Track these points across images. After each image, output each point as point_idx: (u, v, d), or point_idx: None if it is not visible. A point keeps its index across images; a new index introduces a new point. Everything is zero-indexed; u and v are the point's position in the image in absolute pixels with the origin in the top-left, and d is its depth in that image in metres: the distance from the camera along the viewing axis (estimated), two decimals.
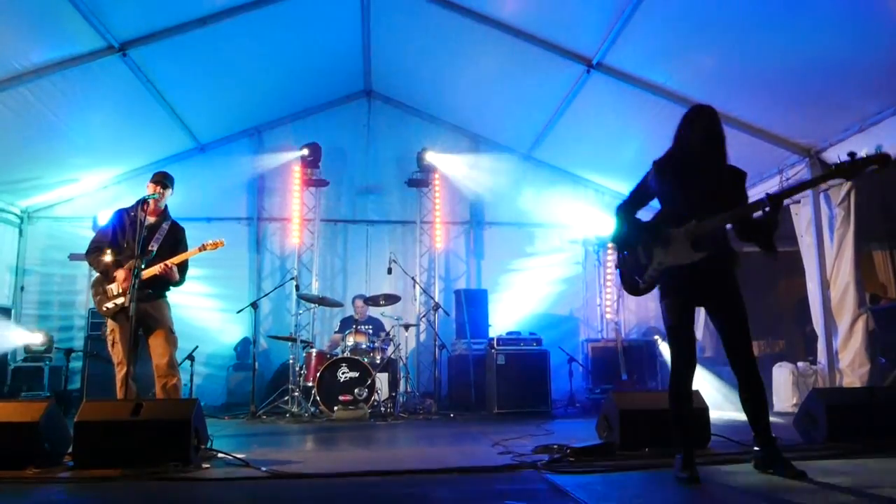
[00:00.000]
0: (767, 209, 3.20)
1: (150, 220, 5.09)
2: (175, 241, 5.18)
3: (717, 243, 3.40)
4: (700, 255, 3.33)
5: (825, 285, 7.03)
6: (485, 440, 5.12)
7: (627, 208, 3.74)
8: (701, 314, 9.63)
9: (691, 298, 3.45)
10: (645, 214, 3.74)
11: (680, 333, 3.40)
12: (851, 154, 3.04)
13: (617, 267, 3.76)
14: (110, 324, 4.97)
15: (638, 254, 3.56)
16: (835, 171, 3.12)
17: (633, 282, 3.63)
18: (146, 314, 4.94)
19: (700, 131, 3.43)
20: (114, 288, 4.93)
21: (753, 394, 3.41)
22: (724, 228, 3.41)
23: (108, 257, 5.01)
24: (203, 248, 5.16)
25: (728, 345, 3.44)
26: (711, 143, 3.42)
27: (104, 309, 4.96)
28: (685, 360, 3.38)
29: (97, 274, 5.08)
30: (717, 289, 3.42)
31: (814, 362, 7.19)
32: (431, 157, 9.72)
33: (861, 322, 6.75)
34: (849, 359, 6.73)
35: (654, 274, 3.46)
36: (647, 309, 10.23)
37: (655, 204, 3.70)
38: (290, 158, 9.58)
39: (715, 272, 3.40)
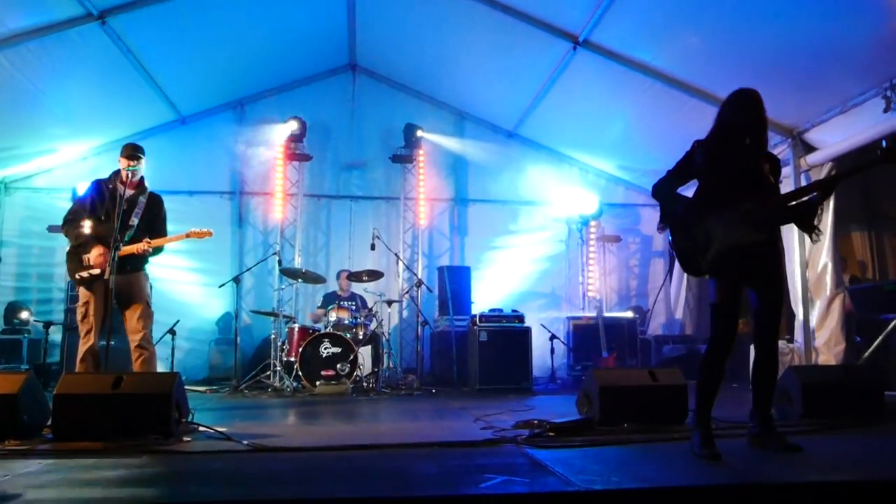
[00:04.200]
0: (815, 194, 3.39)
1: (128, 192, 5.04)
2: (154, 214, 5.13)
3: (774, 224, 3.48)
4: (763, 235, 3.38)
5: (804, 265, 7.12)
6: (466, 415, 5.16)
7: (669, 187, 3.67)
8: (682, 292, 9.77)
9: (742, 278, 3.46)
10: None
11: (726, 312, 3.41)
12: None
13: (672, 247, 3.68)
14: (84, 294, 4.90)
15: (694, 234, 3.50)
16: (882, 157, 3.16)
17: (694, 262, 3.56)
18: (123, 287, 4.90)
19: (747, 114, 3.49)
20: (90, 258, 4.87)
21: (768, 373, 3.53)
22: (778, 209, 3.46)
23: (86, 229, 4.93)
24: (188, 235, 5.14)
25: (759, 323, 3.51)
26: (756, 126, 3.49)
27: (77, 277, 4.90)
28: (726, 339, 3.40)
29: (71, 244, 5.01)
30: (765, 268, 3.46)
31: (791, 340, 7.30)
32: (416, 132, 9.66)
33: (838, 301, 6.86)
34: (825, 337, 6.85)
35: (716, 254, 3.41)
36: (628, 287, 10.34)
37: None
38: (274, 132, 9.48)
39: (765, 250, 3.45)
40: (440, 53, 8.86)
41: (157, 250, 5.11)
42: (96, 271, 4.84)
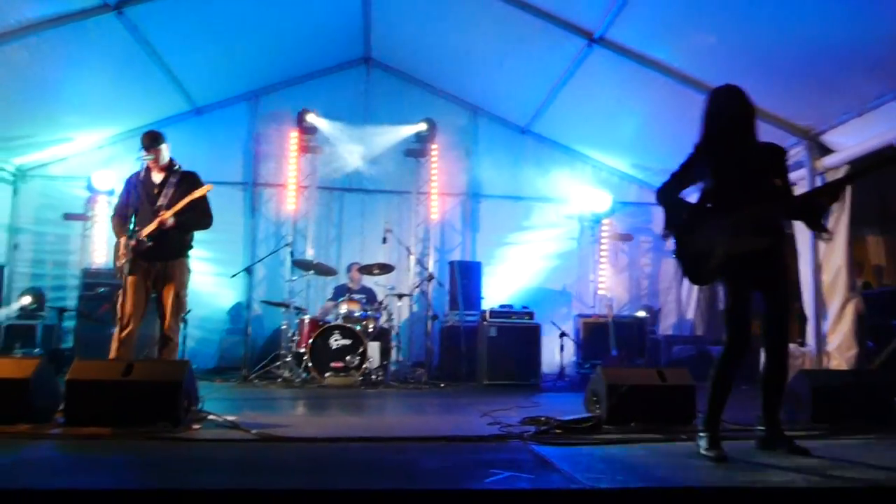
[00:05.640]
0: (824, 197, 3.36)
1: (159, 177, 5.13)
2: (186, 189, 5.07)
3: (777, 226, 3.45)
4: (768, 241, 3.35)
5: (817, 268, 7.07)
6: (473, 410, 5.17)
7: (672, 192, 3.63)
8: (694, 293, 9.73)
9: (750, 281, 3.43)
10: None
11: (737, 317, 3.39)
12: None
13: (675, 256, 3.65)
14: (124, 283, 4.97)
15: (697, 241, 3.48)
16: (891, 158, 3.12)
17: (697, 271, 3.55)
18: (159, 274, 5.02)
19: (736, 111, 3.44)
20: (123, 246, 4.96)
21: (776, 377, 3.50)
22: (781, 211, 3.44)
23: (123, 221, 5.03)
24: (192, 198, 5.03)
25: (768, 327, 3.48)
26: (746, 120, 3.44)
27: (116, 265, 5.03)
28: (739, 344, 3.38)
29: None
30: (770, 270, 3.43)
31: (803, 344, 7.25)
32: (429, 127, 9.65)
33: (851, 305, 6.79)
34: (837, 342, 6.78)
35: (720, 263, 3.38)
36: (639, 287, 10.30)
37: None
38: (287, 124, 9.51)
39: (770, 253, 3.42)
40: (455, 48, 8.83)
41: (198, 226, 5.19)
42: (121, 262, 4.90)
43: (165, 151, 5.16)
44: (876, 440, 3.95)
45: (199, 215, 5.16)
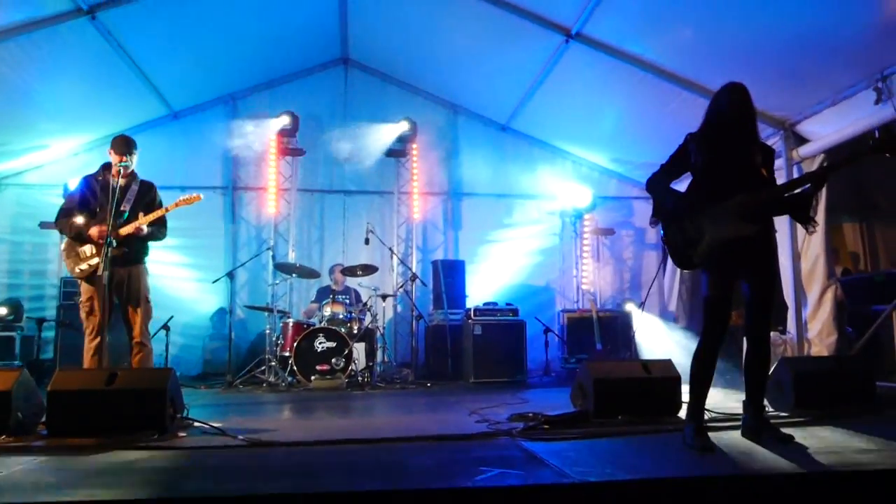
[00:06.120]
0: (809, 186, 3.41)
1: (120, 182, 4.98)
2: (149, 199, 5.17)
3: (765, 216, 3.50)
4: (754, 228, 3.40)
5: (796, 257, 7.15)
6: (461, 409, 5.18)
7: (662, 181, 3.69)
8: (675, 284, 9.80)
9: (734, 270, 3.48)
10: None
11: (717, 306, 3.43)
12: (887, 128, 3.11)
13: (664, 242, 3.71)
14: (86, 289, 4.89)
15: (686, 227, 3.53)
16: (874, 147, 3.19)
17: (686, 256, 3.59)
18: (123, 281, 4.95)
19: (736, 106, 3.51)
20: (86, 249, 4.90)
21: (759, 365, 3.57)
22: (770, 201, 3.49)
23: (79, 220, 4.95)
24: (177, 204, 5.18)
25: (751, 315, 3.54)
26: (746, 117, 3.52)
27: (78, 271, 4.91)
28: (718, 333, 3.43)
29: (67, 238, 5.02)
30: (756, 259, 3.49)
31: (783, 332, 7.33)
32: (409, 126, 9.63)
33: (830, 293, 6.88)
34: (817, 329, 6.87)
35: (707, 248, 3.44)
36: (622, 280, 10.36)
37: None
38: (266, 127, 9.44)
39: (758, 243, 3.47)
40: (433, 47, 8.83)
41: (158, 236, 5.18)
42: (94, 261, 4.80)
43: (136, 157, 5.16)
44: (858, 425, 4.00)
45: (160, 226, 5.21)
